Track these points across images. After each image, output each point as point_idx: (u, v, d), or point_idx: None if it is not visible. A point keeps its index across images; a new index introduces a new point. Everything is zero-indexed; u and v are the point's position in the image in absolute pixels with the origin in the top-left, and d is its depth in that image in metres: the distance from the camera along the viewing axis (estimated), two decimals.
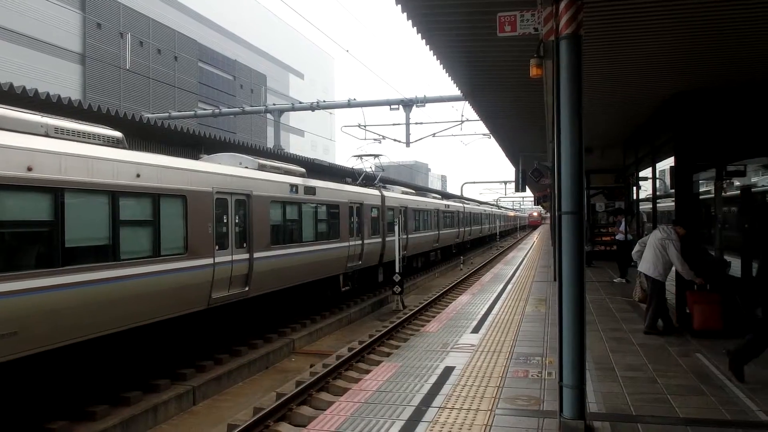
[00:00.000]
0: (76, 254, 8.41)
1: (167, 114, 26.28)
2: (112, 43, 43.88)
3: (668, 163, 10.90)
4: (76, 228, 8.39)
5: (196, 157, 13.11)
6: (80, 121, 9.47)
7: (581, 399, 5.32)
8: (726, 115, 10.01)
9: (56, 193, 8.05)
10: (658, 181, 13.18)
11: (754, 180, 11.24)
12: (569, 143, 5.25)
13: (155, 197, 9.98)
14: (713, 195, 11.14)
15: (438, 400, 6.48)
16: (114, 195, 9.07)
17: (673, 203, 10.87)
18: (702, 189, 11.39)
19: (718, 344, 8.66)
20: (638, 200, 17.05)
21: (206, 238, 11.26)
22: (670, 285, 10.21)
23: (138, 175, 9.56)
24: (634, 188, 16.49)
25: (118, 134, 10.00)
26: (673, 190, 10.68)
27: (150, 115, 18.08)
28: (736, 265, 10.68)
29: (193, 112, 29.00)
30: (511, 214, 76.42)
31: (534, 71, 6.35)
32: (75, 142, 8.73)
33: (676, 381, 7.03)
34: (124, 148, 9.90)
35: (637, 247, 10.29)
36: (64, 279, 8.07)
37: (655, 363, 7.86)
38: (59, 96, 11.78)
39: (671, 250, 9.34)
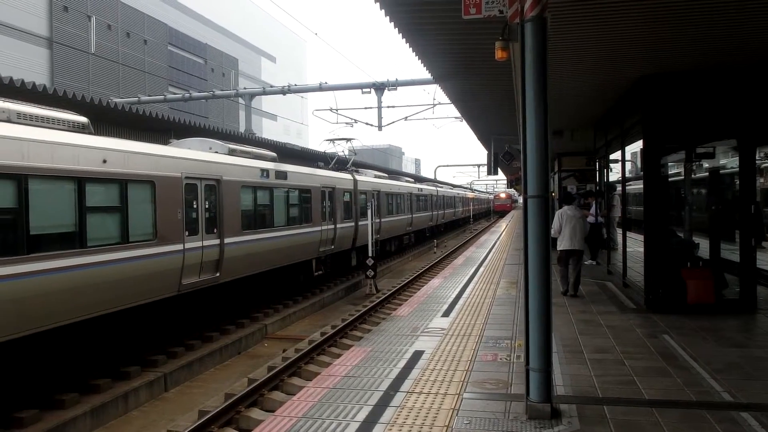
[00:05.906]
0: (42, 242, 8.27)
1: (136, 98, 25.76)
2: (79, 26, 42.89)
3: (639, 145, 10.96)
4: (40, 215, 8.24)
5: (165, 143, 12.94)
6: (44, 107, 9.28)
7: (548, 382, 5.35)
8: (695, 98, 10.04)
9: (19, 179, 7.88)
10: (629, 163, 13.25)
11: (722, 162, 11.35)
12: (535, 126, 5.21)
13: (122, 183, 9.83)
14: (683, 177, 11.26)
15: (406, 385, 6.48)
16: (80, 181, 8.91)
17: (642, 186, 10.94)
18: (671, 171, 11.51)
19: (687, 324, 8.88)
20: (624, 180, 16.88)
21: (176, 224, 11.13)
22: (639, 265, 10.35)
23: (104, 161, 9.40)
24: (605, 170, 16.52)
25: (83, 119, 9.83)
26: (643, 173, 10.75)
27: (119, 100, 17.80)
28: (704, 246, 10.86)
29: (162, 97, 28.43)
30: (471, 195, 72.74)
31: (499, 54, 6.28)
32: (38, 128, 8.55)
33: (642, 363, 7.09)
34: (89, 133, 9.74)
35: (556, 225, 11.20)
36: (30, 267, 7.94)
37: (622, 345, 7.93)
38: (23, 81, 11.54)
39: (586, 224, 11.55)
